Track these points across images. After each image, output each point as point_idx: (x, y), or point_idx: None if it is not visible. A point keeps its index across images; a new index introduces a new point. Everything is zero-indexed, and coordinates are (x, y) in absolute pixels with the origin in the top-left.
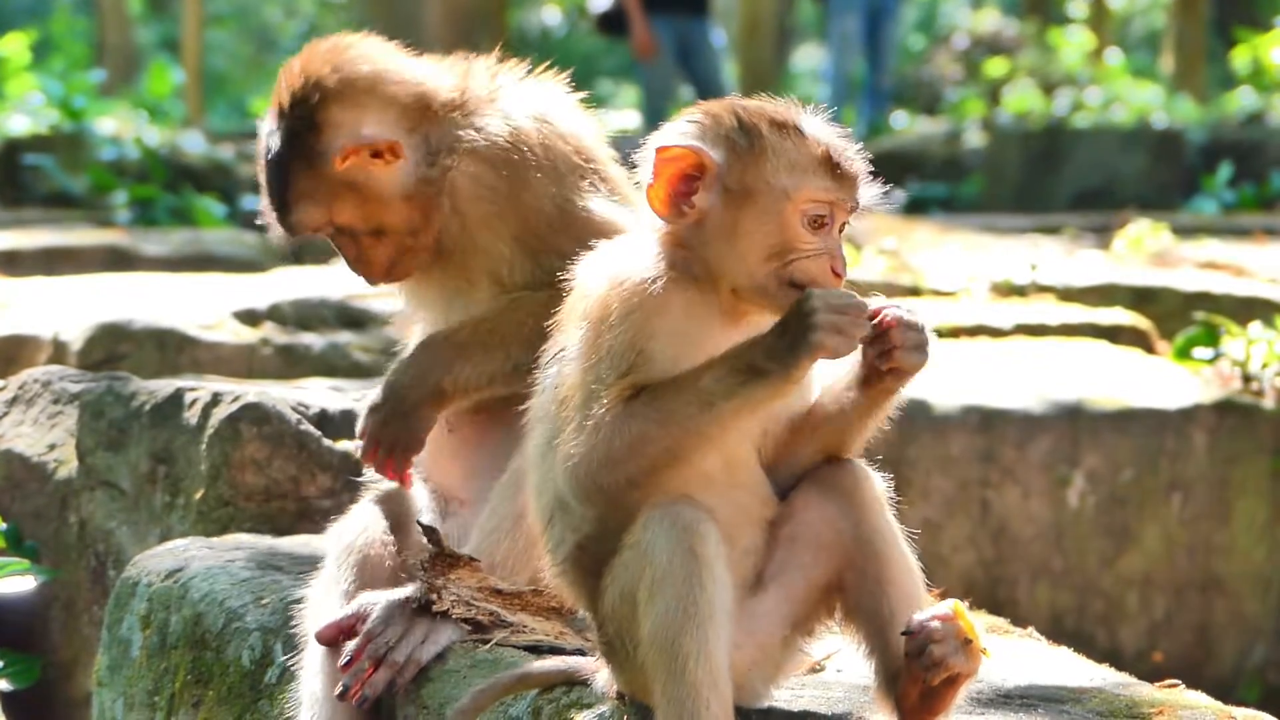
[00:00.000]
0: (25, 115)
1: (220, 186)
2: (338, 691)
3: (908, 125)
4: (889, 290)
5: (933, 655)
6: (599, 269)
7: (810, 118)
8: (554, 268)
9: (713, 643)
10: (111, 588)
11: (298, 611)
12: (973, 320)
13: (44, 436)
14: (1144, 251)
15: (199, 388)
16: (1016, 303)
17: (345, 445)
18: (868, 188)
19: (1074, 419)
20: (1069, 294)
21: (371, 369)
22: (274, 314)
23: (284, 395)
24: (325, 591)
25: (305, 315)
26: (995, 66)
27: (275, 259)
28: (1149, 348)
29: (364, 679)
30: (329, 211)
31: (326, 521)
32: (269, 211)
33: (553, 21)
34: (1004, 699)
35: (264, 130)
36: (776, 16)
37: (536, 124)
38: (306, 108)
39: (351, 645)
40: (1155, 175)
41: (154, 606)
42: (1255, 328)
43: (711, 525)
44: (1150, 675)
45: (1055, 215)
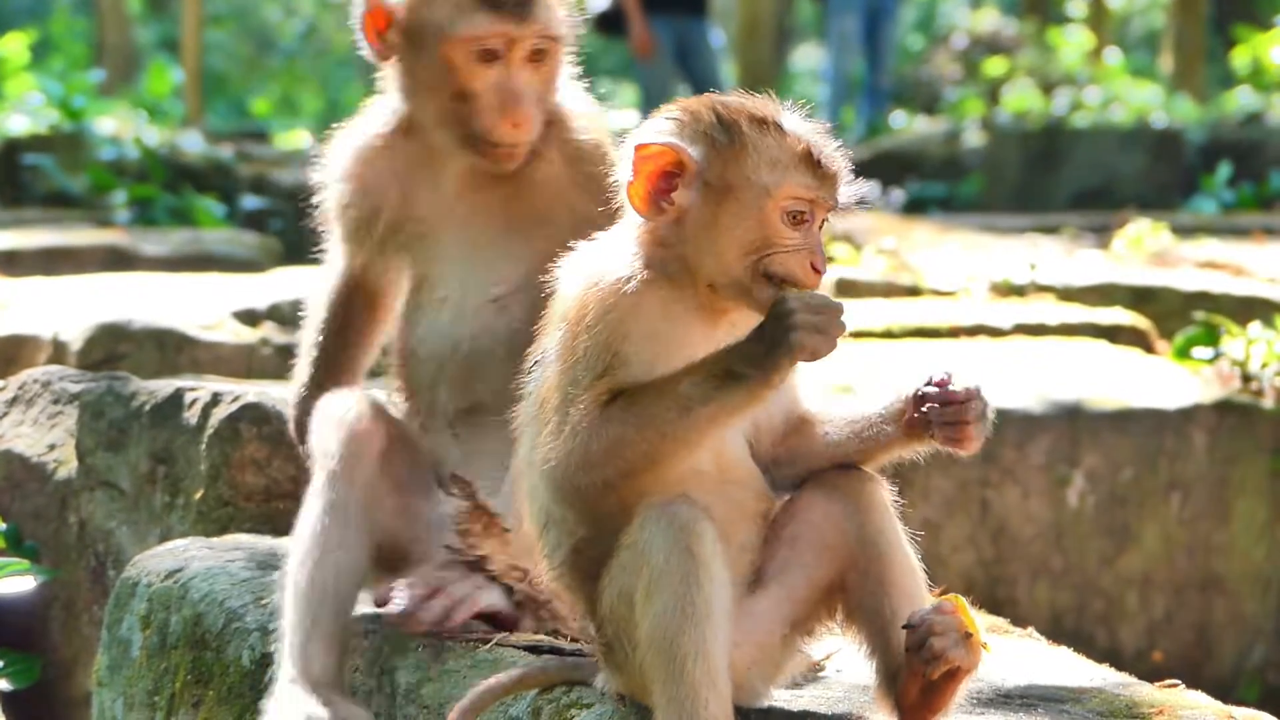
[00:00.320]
0: (25, 115)
1: (220, 186)
2: (395, 611)
3: (907, 125)
4: (889, 290)
5: (933, 648)
6: (577, 270)
7: (790, 114)
8: None
9: (711, 642)
10: (111, 588)
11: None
12: (972, 320)
13: (44, 437)
14: (1143, 251)
15: (199, 388)
16: (1016, 302)
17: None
18: (848, 185)
19: (1073, 419)
20: (1068, 294)
21: (370, 369)
22: (273, 314)
23: (284, 395)
24: (319, 478)
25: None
26: (994, 66)
27: (274, 259)
28: (1148, 347)
29: (420, 600)
30: (553, 17)
31: None
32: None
33: None
34: (1004, 699)
35: None
36: (775, 16)
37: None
38: None
39: (408, 581)
40: (1154, 175)
41: (154, 606)
42: (1255, 327)
43: (708, 524)
44: (1150, 675)
45: (1054, 215)
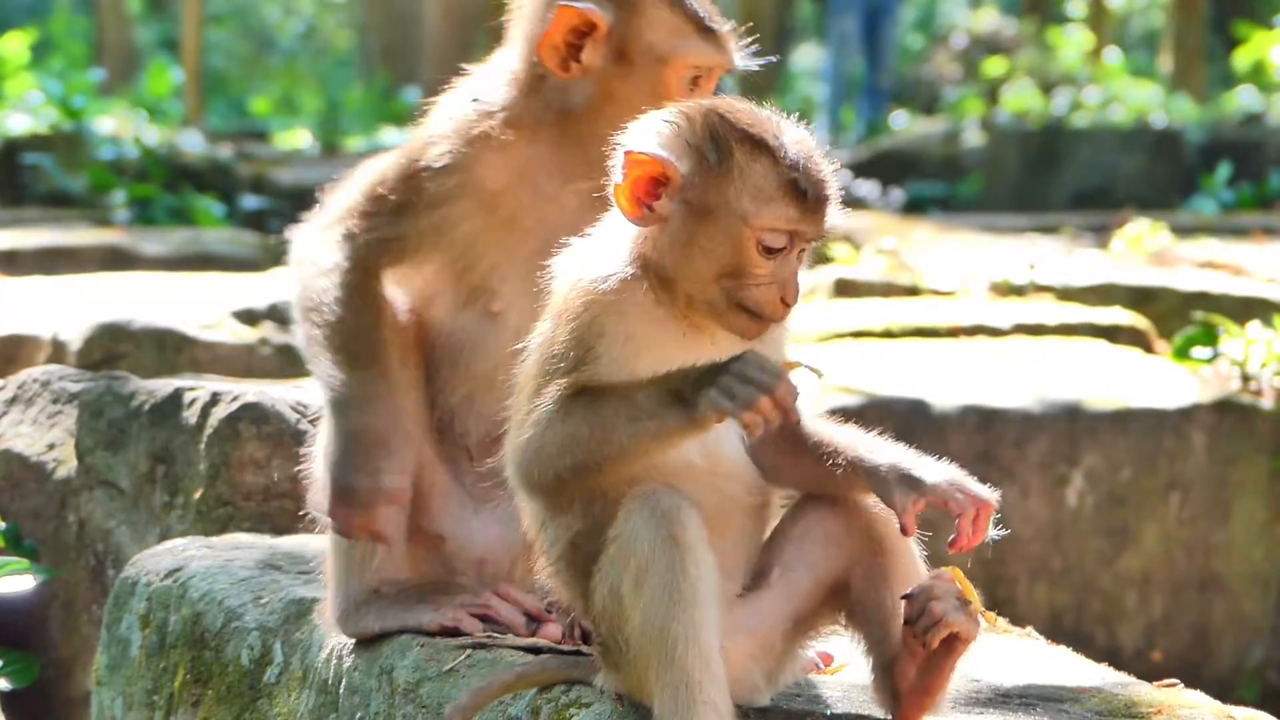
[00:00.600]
0: (24, 114)
1: (219, 186)
2: (438, 622)
3: (906, 125)
4: (888, 289)
5: (933, 611)
6: (568, 265)
7: (789, 133)
8: None
9: (701, 626)
10: (111, 587)
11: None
12: (971, 320)
13: (43, 436)
14: (1143, 251)
15: (198, 387)
16: (1015, 302)
17: None
18: (833, 214)
19: (1073, 419)
20: (1068, 293)
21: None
22: (273, 313)
23: (283, 395)
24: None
25: None
26: (994, 66)
27: (274, 259)
28: (1148, 347)
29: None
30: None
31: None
32: None
33: None
34: (1003, 698)
35: None
36: (775, 16)
37: None
38: None
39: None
40: (1154, 175)
41: (153, 606)
42: (1254, 327)
43: (691, 510)
44: (1149, 674)
45: (1054, 215)
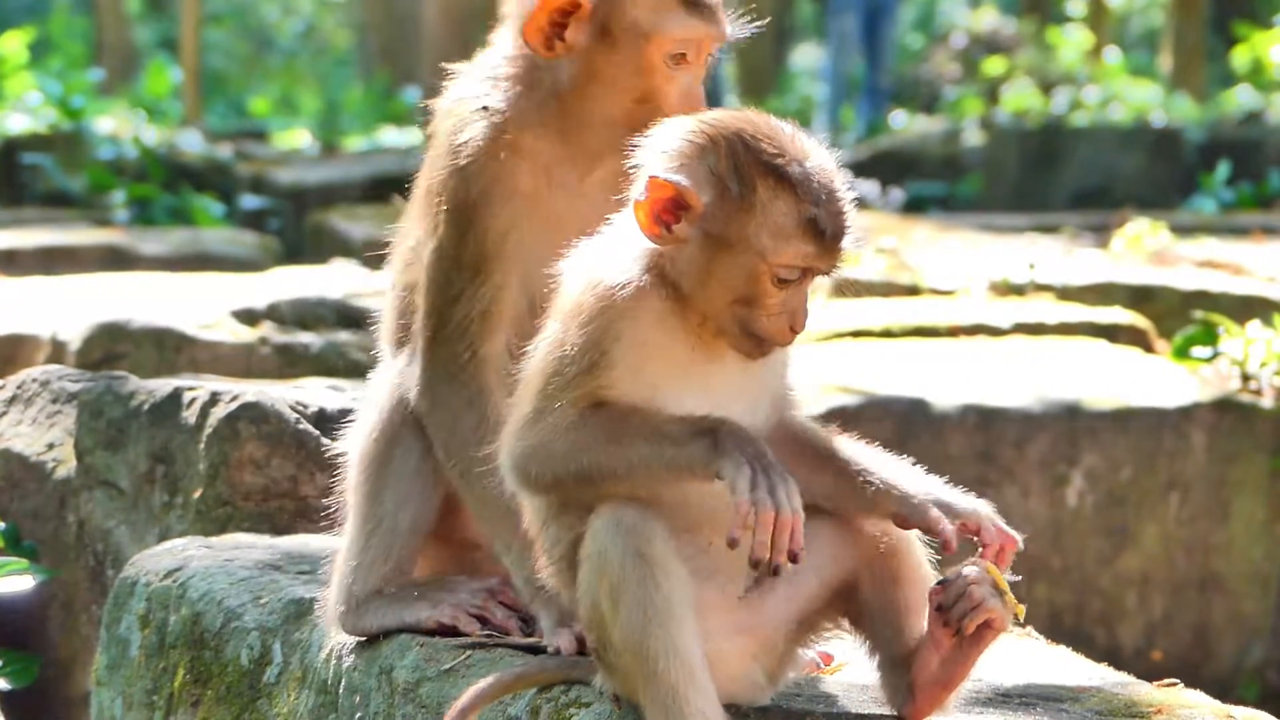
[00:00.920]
0: (24, 114)
1: (218, 186)
2: (435, 619)
3: (906, 124)
4: (888, 289)
5: (972, 596)
6: (581, 267)
7: (812, 163)
8: None
9: (678, 638)
10: (110, 587)
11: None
12: (971, 319)
13: (42, 436)
14: (1142, 250)
15: (197, 387)
16: (1015, 302)
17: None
18: (850, 248)
19: (1072, 418)
20: (1067, 293)
21: (369, 368)
22: (272, 313)
23: (282, 394)
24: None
25: (304, 314)
26: (993, 65)
27: (273, 259)
28: (1147, 347)
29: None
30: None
31: (325, 520)
32: None
33: None
34: (1003, 698)
35: None
36: (775, 15)
37: None
38: None
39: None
40: (1154, 174)
41: (153, 606)
42: (1254, 327)
43: (656, 523)
44: (1149, 674)
45: (1054, 214)
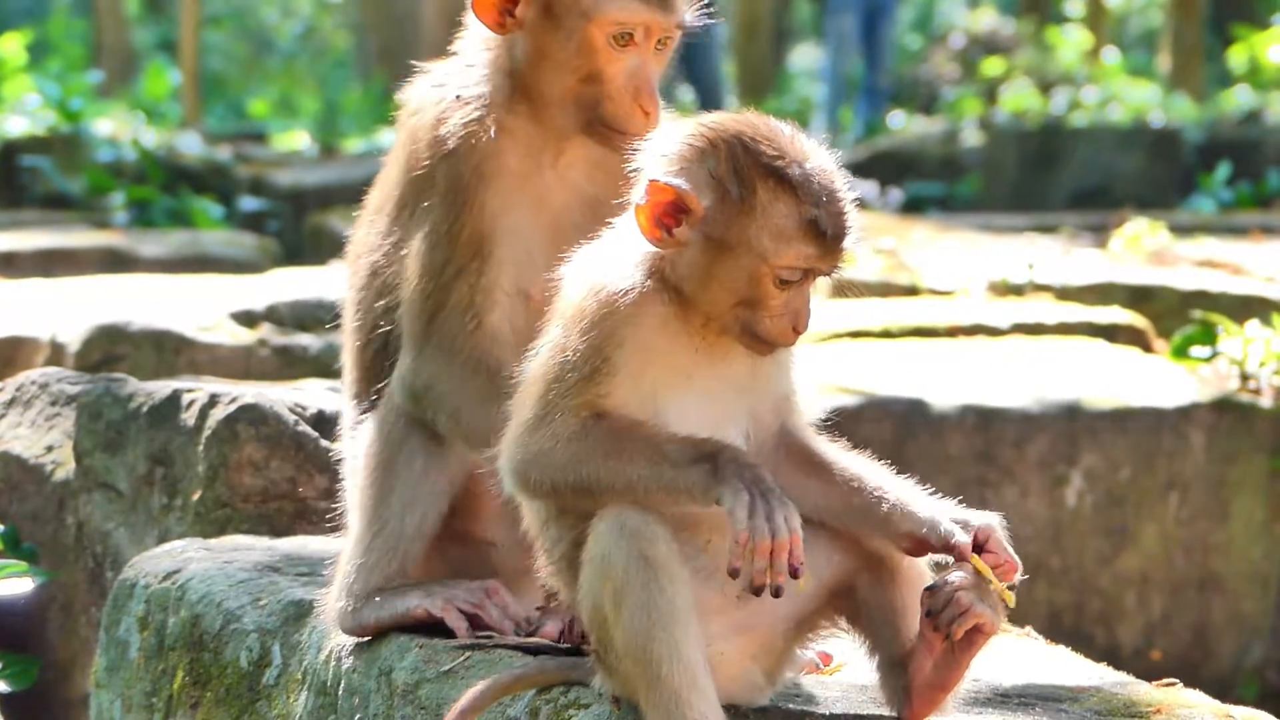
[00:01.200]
0: (22, 117)
1: (217, 188)
2: (424, 608)
3: (905, 125)
4: (887, 289)
5: (960, 602)
6: (582, 273)
7: (812, 163)
8: None
9: (682, 642)
10: (109, 589)
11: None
12: (970, 320)
13: (41, 438)
14: (1141, 250)
15: (196, 389)
16: (1014, 302)
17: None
18: (851, 248)
19: (1072, 418)
20: (1066, 293)
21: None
22: (271, 315)
23: (281, 396)
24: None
25: (302, 316)
26: (992, 65)
27: (272, 260)
28: (1146, 346)
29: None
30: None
31: (324, 522)
32: None
33: None
34: (1002, 698)
35: None
36: (774, 16)
37: None
38: None
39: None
40: (1152, 174)
41: (152, 608)
42: (1252, 326)
43: (659, 526)
44: (1148, 674)
45: (1052, 214)
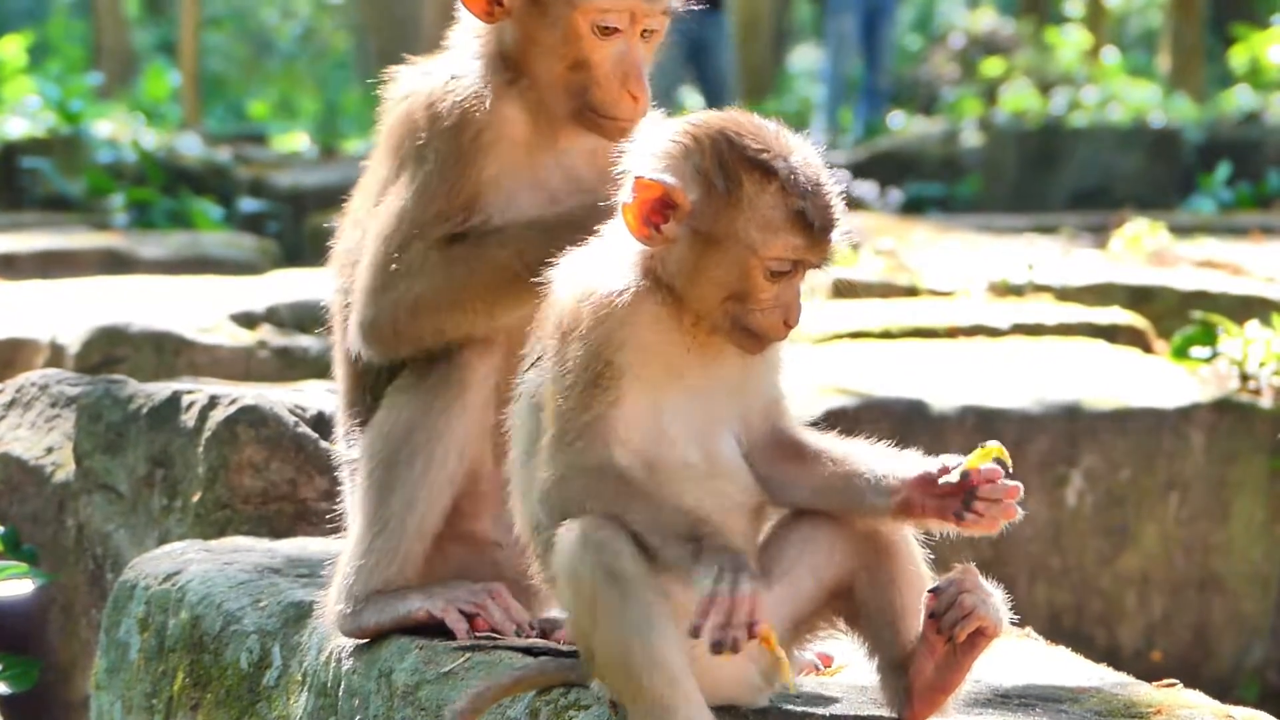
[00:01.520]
0: (22, 118)
1: (217, 189)
2: (426, 609)
3: (905, 125)
4: (887, 290)
5: (963, 604)
6: (572, 278)
7: (797, 157)
8: None
9: (660, 650)
10: (109, 591)
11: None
12: (970, 320)
13: (41, 440)
14: (1141, 251)
15: (196, 390)
16: (1014, 302)
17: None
18: (839, 240)
19: (1071, 419)
20: (1066, 293)
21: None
22: (271, 316)
23: (281, 398)
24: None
25: (303, 317)
26: (992, 66)
27: (272, 262)
28: (1146, 347)
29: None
30: None
31: (324, 524)
32: None
33: None
34: (1002, 699)
35: None
36: (774, 16)
37: None
38: None
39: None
40: (1152, 174)
41: (152, 609)
42: (1253, 327)
43: (623, 539)
44: (1148, 674)
45: (1052, 214)
